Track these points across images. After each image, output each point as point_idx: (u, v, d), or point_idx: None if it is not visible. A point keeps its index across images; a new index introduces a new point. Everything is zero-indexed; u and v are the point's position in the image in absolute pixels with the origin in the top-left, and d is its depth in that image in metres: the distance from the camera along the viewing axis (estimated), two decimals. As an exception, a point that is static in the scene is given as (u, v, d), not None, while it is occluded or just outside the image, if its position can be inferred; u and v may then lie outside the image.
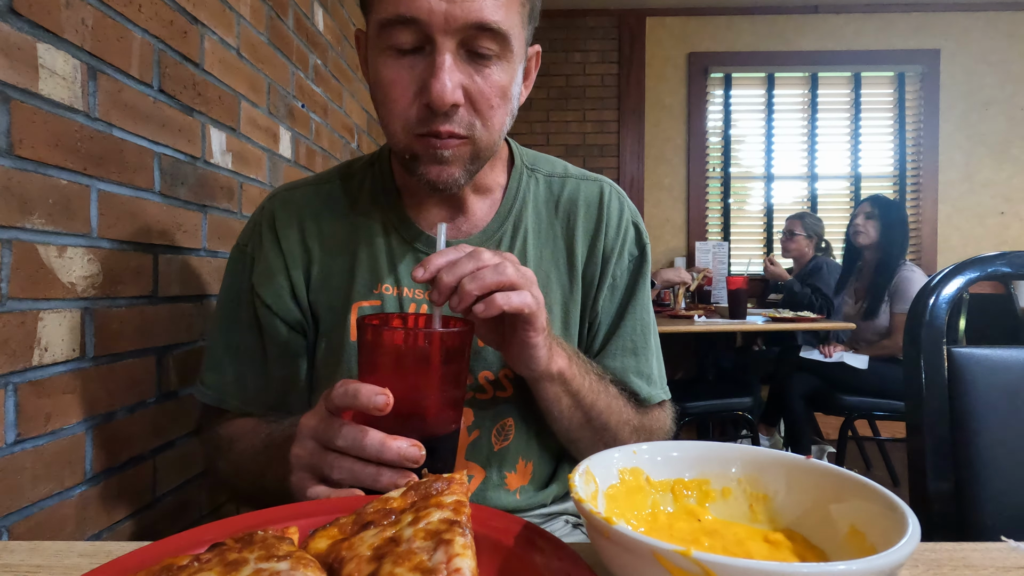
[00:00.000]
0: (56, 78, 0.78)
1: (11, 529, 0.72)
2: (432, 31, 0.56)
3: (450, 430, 0.50)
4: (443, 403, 0.49)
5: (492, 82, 0.60)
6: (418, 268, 0.50)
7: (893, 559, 0.28)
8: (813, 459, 0.40)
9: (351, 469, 0.47)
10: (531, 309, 0.53)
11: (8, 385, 0.71)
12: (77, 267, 0.82)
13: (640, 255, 0.77)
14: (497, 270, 0.51)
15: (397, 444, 0.45)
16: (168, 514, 1.02)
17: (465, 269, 0.50)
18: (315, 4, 1.79)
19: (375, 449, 0.45)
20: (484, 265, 0.51)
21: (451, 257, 0.51)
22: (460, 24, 0.56)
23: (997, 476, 0.69)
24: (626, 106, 3.79)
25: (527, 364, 0.59)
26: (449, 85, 0.56)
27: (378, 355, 0.48)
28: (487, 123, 0.61)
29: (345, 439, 0.46)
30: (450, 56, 0.57)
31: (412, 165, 0.63)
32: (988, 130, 3.66)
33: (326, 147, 1.88)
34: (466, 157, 0.62)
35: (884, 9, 3.67)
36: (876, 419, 2.76)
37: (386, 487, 0.45)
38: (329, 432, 0.47)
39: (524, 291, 0.52)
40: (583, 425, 0.68)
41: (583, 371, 0.66)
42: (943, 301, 0.73)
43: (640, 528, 0.40)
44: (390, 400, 0.45)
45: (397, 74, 0.59)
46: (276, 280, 0.72)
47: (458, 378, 0.50)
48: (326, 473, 0.48)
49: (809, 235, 3.13)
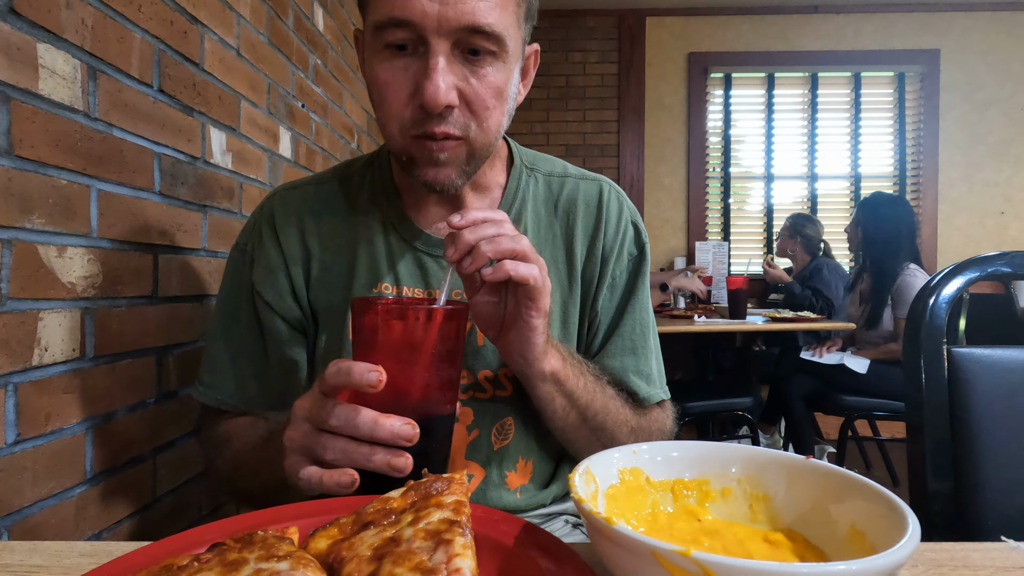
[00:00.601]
0: (56, 78, 0.78)
1: (11, 529, 0.72)
2: (425, 33, 0.56)
3: (445, 411, 0.50)
4: (437, 382, 0.49)
5: (487, 83, 0.60)
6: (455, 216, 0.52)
7: (893, 559, 0.28)
8: (813, 459, 0.40)
9: (344, 449, 0.46)
10: (536, 282, 0.54)
11: (8, 385, 0.71)
12: (77, 267, 0.82)
13: (639, 254, 0.77)
14: (515, 240, 0.53)
15: (390, 422, 0.45)
16: (168, 514, 1.02)
17: (486, 232, 0.52)
18: (315, 4, 1.79)
19: (368, 427, 0.45)
20: (503, 233, 0.53)
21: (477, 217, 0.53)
22: (453, 26, 0.56)
23: (997, 476, 0.69)
24: (626, 106, 3.79)
25: (523, 352, 0.59)
26: (443, 87, 0.56)
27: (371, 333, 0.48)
28: (482, 124, 0.61)
29: (338, 418, 0.46)
30: (443, 58, 0.57)
31: (409, 166, 0.63)
32: (988, 130, 3.66)
33: (326, 147, 1.88)
34: (462, 158, 0.62)
35: (884, 9, 3.67)
36: (876, 419, 2.76)
37: (379, 466, 0.45)
38: (322, 412, 0.47)
39: (533, 264, 0.54)
40: (579, 426, 0.68)
41: (577, 372, 0.66)
42: (943, 301, 0.73)
43: (640, 528, 0.40)
44: (383, 376, 0.45)
45: (392, 76, 0.59)
46: (276, 278, 0.72)
47: (452, 358, 0.50)
48: (319, 454, 0.48)
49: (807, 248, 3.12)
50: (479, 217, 0.53)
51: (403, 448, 0.46)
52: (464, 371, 0.71)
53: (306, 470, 0.48)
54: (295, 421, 0.50)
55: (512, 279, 0.53)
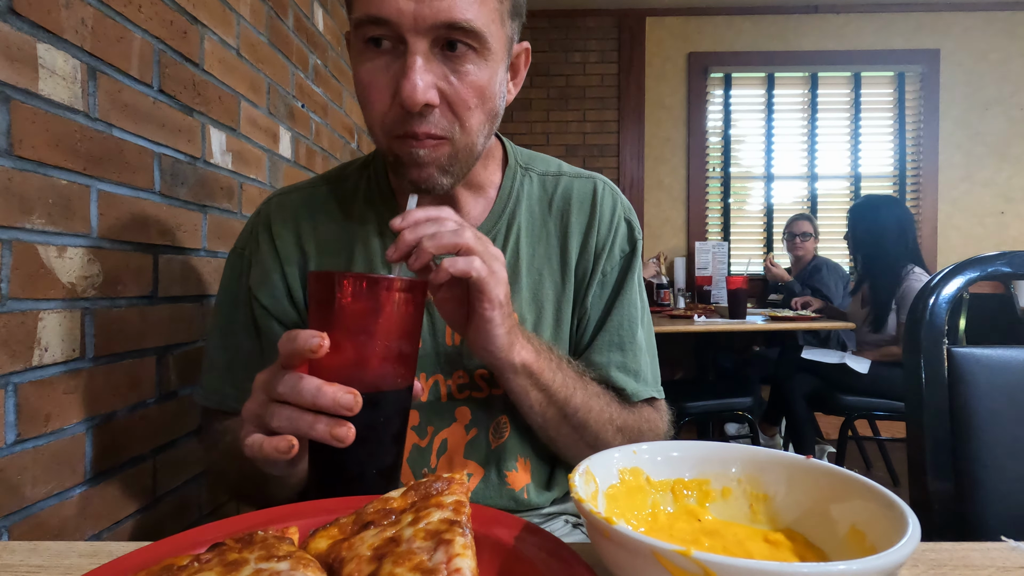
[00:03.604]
0: (56, 78, 0.78)
1: (11, 529, 0.72)
2: (402, 31, 0.56)
3: (397, 386, 0.50)
4: (388, 355, 0.49)
5: (468, 82, 0.59)
6: (396, 219, 0.53)
7: (893, 559, 0.28)
8: (813, 459, 0.40)
9: (289, 416, 0.46)
10: (479, 274, 0.54)
11: (8, 385, 0.71)
12: (77, 267, 0.82)
13: (631, 251, 0.77)
14: (456, 233, 0.53)
15: (332, 389, 0.45)
16: (168, 514, 1.02)
17: (427, 230, 0.52)
18: (315, 4, 1.79)
19: (310, 394, 0.45)
20: (443, 230, 0.53)
21: (419, 216, 0.54)
22: (429, 24, 0.56)
23: (997, 476, 0.69)
24: (626, 106, 3.79)
25: (486, 345, 0.59)
26: (420, 85, 0.56)
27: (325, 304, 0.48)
28: (464, 124, 0.61)
29: (285, 385, 0.46)
30: (420, 56, 0.56)
31: (396, 167, 0.63)
32: (988, 130, 3.66)
33: (326, 147, 1.88)
34: (443, 158, 0.62)
35: (884, 9, 3.67)
36: (876, 419, 2.75)
37: (321, 435, 0.45)
38: (274, 381, 0.48)
39: (474, 257, 0.54)
40: (560, 422, 0.67)
41: (554, 366, 0.65)
42: (943, 301, 0.73)
43: (640, 528, 0.40)
44: (324, 342, 0.45)
45: (373, 76, 0.59)
46: (272, 281, 0.73)
47: (405, 333, 0.49)
48: (267, 422, 0.48)
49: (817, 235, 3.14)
50: (420, 217, 0.53)
51: (349, 419, 0.46)
52: (460, 371, 0.71)
53: (251, 437, 0.48)
54: (253, 392, 0.51)
55: (453, 276, 0.53)
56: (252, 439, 0.48)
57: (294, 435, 0.46)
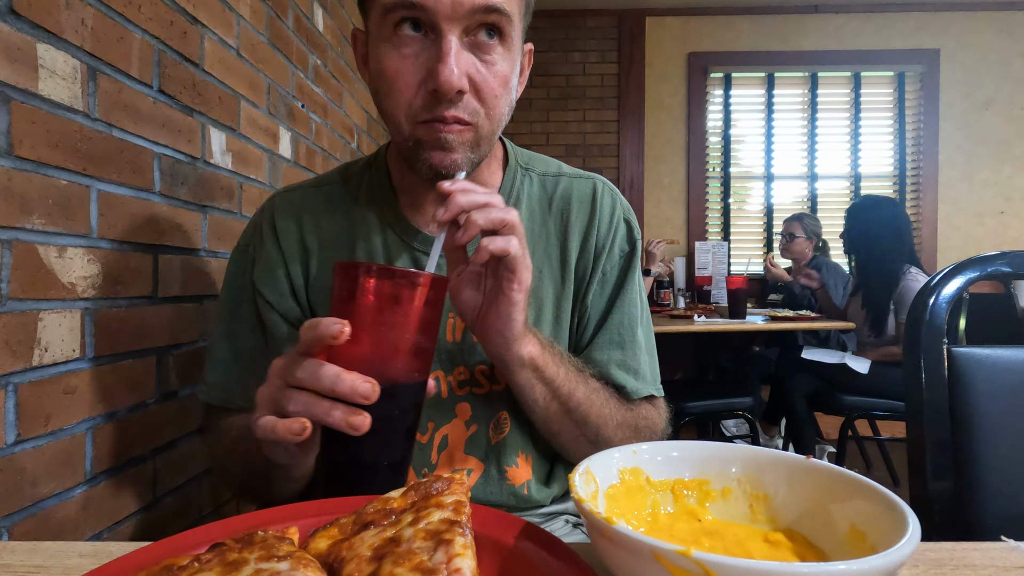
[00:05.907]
0: (56, 78, 0.78)
1: (11, 529, 0.72)
2: (437, 19, 0.57)
3: (413, 379, 0.50)
4: (406, 348, 0.49)
5: (495, 71, 0.61)
6: (445, 182, 0.54)
7: (893, 559, 0.28)
8: (813, 459, 0.40)
9: (306, 402, 0.47)
10: (516, 252, 0.55)
11: (8, 385, 0.71)
12: (77, 267, 0.82)
13: (631, 251, 0.78)
14: (505, 211, 0.54)
15: (351, 376, 0.45)
16: (168, 514, 1.02)
17: (477, 200, 0.54)
18: (315, 4, 1.79)
19: (330, 380, 0.45)
20: (493, 203, 0.54)
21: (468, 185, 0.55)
22: (467, 9, 0.57)
23: (997, 476, 0.69)
24: (626, 106, 3.79)
25: (503, 331, 0.59)
26: (456, 71, 0.57)
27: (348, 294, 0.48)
28: (491, 112, 0.63)
29: (304, 370, 0.47)
30: (456, 42, 0.58)
31: (416, 152, 0.63)
32: (988, 130, 3.66)
33: (326, 147, 1.88)
34: (469, 143, 0.63)
35: (884, 9, 3.67)
36: (876, 419, 2.75)
37: (337, 422, 0.45)
38: (292, 366, 0.48)
39: (512, 236, 0.55)
40: (562, 417, 0.67)
41: (557, 361, 0.66)
42: (943, 301, 0.73)
43: (640, 528, 0.40)
44: (345, 328, 0.45)
45: (401, 64, 0.60)
46: (276, 277, 0.73)
47: (424, 327, 0.50)
48: (283, 407, 0.48)
49: (808, 236, 3.13)
50: (469, 185, 0.55)
51: (365, 408, 0.46)
52: (460, 367, 0.71)
53: (264, 419, 0.48)
54: (269, 377, 0.51)
55: (493, 255, 0.53)
56: (265, 420, 0.48)
57: (310, 419, 0.46)
